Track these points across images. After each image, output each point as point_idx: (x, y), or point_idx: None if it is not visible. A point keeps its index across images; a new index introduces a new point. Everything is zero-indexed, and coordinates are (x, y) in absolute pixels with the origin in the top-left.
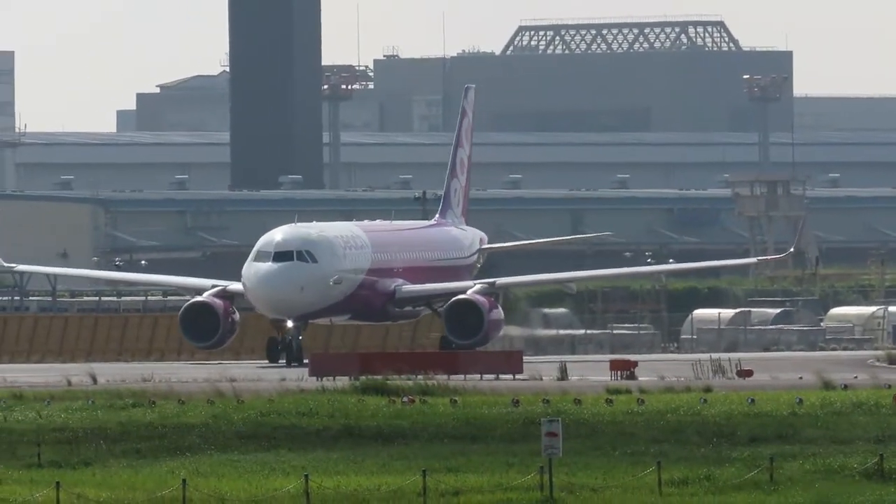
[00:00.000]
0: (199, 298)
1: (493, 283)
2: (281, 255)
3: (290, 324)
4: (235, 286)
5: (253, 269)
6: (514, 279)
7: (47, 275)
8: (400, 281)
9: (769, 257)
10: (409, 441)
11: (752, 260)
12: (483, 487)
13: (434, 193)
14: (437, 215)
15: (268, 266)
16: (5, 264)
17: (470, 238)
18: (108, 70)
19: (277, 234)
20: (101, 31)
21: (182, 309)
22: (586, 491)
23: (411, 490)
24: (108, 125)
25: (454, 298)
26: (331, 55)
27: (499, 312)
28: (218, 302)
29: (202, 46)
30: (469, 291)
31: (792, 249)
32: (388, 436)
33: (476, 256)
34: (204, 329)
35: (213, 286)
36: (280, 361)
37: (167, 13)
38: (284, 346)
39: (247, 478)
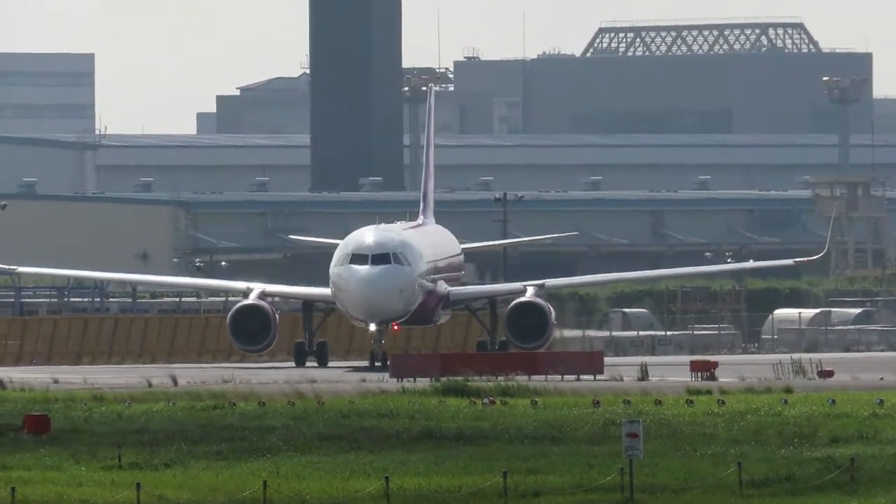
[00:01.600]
0: (248, 301)
1: (543, 285)
2: (379, 258)
3: (372, 327)
4: (273, 288)
5: (349, 271)
6: (564, 280)
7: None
8: (443, 282)
9: (805, 259)
10: (490, 442)
11: (789, 262)
12: (563, 488)
13: (515, 195)
14: (421, 215)
15: (367, 269)
16: (4, 266)
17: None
18: (188, 72)
19: (367, 236)
20: (181, 33)
21: (232, 312)
22: (667, 492)
23: (492, 491)
24: (188, 127)
25: (517, 301)
26: (411, 57)
27: (554, 315)
28: (266, 305)
29: (282, 48)
30: (528, 293)
31: (826, 250)
32: (468, 437)
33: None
34: (251, 332)
35: (248, 289)
36: (309, 364)
37: (247, 15)
38: (313, 350)
39: (327, 479)
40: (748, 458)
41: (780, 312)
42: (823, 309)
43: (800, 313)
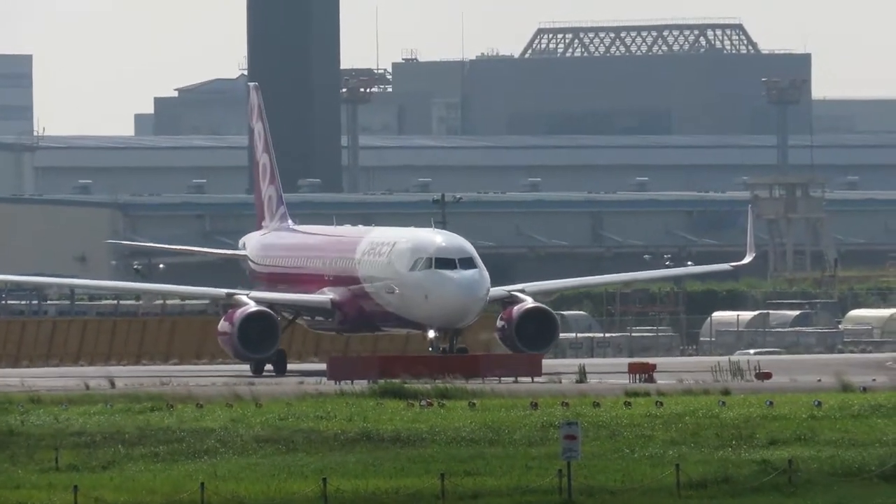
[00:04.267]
0: (257, 308)
1: (523, 290)
2: (466, 262)
3: (431, 334)
4: (264, 295)
5: (436, 275)
6: (543, 285)
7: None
8: None
9: (739, 263)
10: (427, 444)
11: (726, 266)
12: (501, 490)
13: (453, 196)
14: (289, 220)
15: (459, 274)
16: None
17: None
18: (126, 73)
19: (438, 240)
20: (119, 35)
21: (242, 318)
22: (605, 494)
23: (429, 493)
24: (126, 129)
25: (527, 307)
26: (349, 58)
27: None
28: (272, 311)
29: (220, 50)
30: (529, 300)
31: (753, 254)
32: (406, 439)
33: None
34: (255, 339)
35: (228, 294)
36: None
37: (186, 16)
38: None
39: (265, 481)
40: (686, 459)
41: (719, 315)
42: (762, 311)
43: (738, 315)
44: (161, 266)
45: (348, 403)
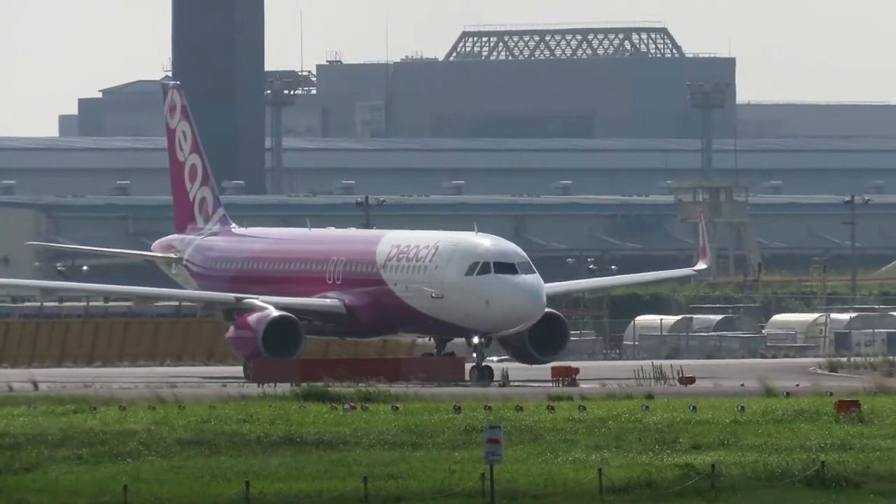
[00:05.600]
0: (280, 313)
1: None
2: (524, 267)
3: (476, 339)
4: (275, 299)
5: (497, 280)
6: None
7: None
8: None
9: (697, 269)
10: (351, 447)
11: (689, 270)
12: (424, 494)
13: (377, 199)
14: (231, 223)
15: (521, 279)
16: None
17: None
18: (49, 74)
19: (488, 243)
20: (42, 35)
21: (267, 324)
22: (528, 498)
23: (353, 496)
24: (50, 130)
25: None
26: (274, 61)
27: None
28: (294, 317)
29: (145, 51)
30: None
31: (707, 259)
32: (329, 442)
33: None
34: (278, 344)
35: (237, 298)
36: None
37: (110, 17)
38: None
39: (188, 484)
40: (609, 464)
41: (642, 319)
42: (685, 315)
43: (661, 320)
44: (84, 268)
45: (271, 406)
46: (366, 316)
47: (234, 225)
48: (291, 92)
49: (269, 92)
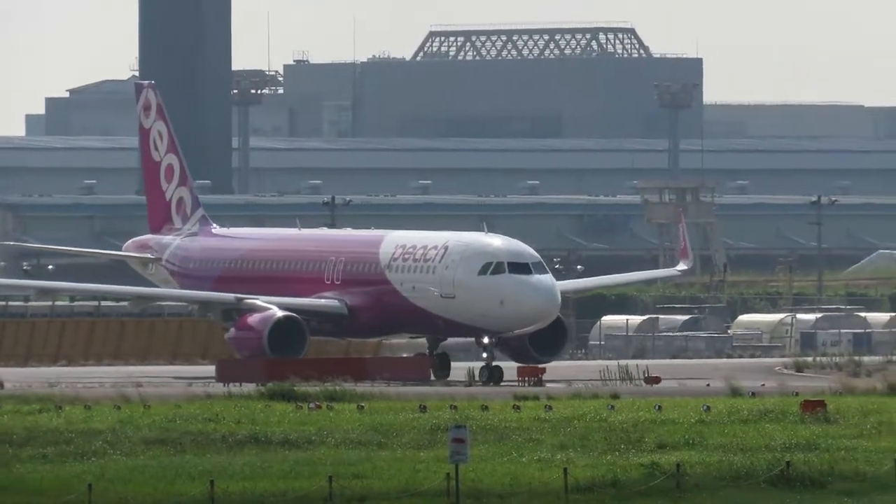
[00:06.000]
0: (284, 313)
1: None
2: (538, 267)
3: (486, 339)
4: (277, 299)
5: (512, 280)
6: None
7: None
8: None
9: (682, 269)
10: (316, 447)
11: (674, 271)
12: (389, 493)
13: (343, 198)
14: (212, 224)
15: (537, 279)
16: None
17: None
18: (16, 73)
19: (504, 243)
20: (8, 34)
21: (272, 324)
22: (493, 497)
23: (317, 496)
24: (17, 129)
25: None
26: (241, 60)
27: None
28: (300, 317)
29: (112, 51)
30: None
31: (689, 259)
32: (294, 441)
33: None
34: (283, 344)
35: (238, 298)
36: None
37: (77, 17)
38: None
39: (153, 483)
40: (574, 463)
41: (608, 319)
42: (651, 315)
43: (627, 320)
44: (50, 267)
45: (237, 405)
46: (369, 316)
47: (214, 226)
48: (258, 91)
49: (236, 91)
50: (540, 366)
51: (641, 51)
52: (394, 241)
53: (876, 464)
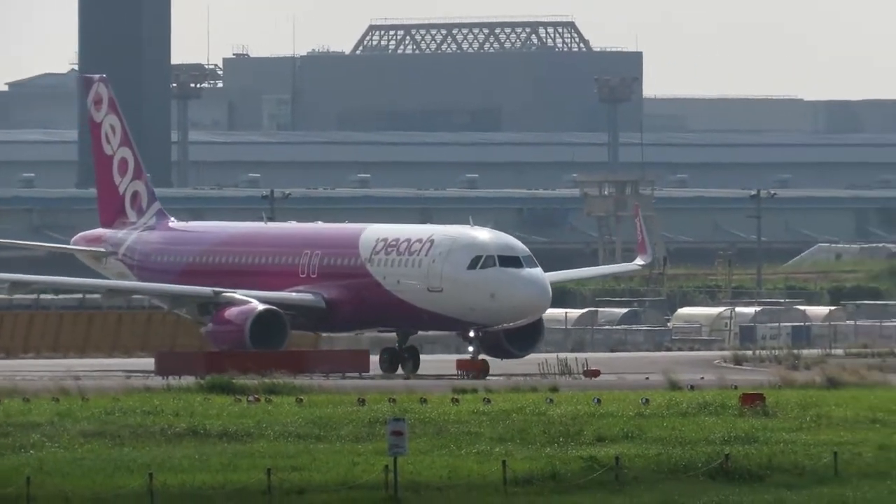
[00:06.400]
0: (265, 306)
1: None
2: (528, 260)
3: (472, 333)
4: (257, 292)
5: (504, 274)
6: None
7: None
8: None
9: (641, 264)
10: (254, 440)
11: (636, 265)
12: (328, 486)
13: (282, 192)
14: (170, 218)
15: (529, 273)
16: None
17: None
18: None
19: (493, 237)
20: None
21: (253, 317)
22: (431, 490)
23: (256, 488)
24: None
25: None
26: (180, 54)
27: None
28: (280, 310)
29: (51, 44)
30: None
31: (648, 254)
32: (232, 434)
33: None
34: (264, 338)
35: (215, 292)
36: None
37: (16, 10)
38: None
39: (91, 476)
40: (513, 456)
41: (547, 312)
42: (590, 308)
43: (566, 313)
44: None
45: (175, 398)
46: (348, 310)
47: (172, 219)
48: (198, 85)
49: (175, 85)
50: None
51: (581, 45)
52: (374, 234)
53: (815, 457)
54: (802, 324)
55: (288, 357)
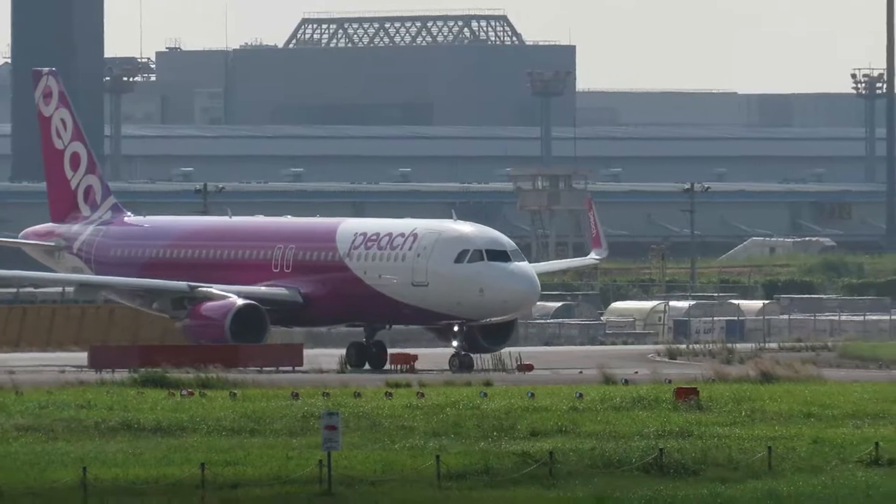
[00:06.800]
0: (245, 301)
1: None
2: (516, 254)
3: (455, 328)
4: (224, 287)
5: (492, 269)
6: None
7: None
8: None
9: (597, 258)
10: (188, 434)
11: (593, 259)
12: (262, 480)
13: (216, 186)
14: (127, 213)
15: (517, 267)
16: None
17: None
18: None
19: (479, 231)
20: None
21: (233, 312)
22: (365, 484)
23: (190, 483)
24: None
25: None
26: (113, 47)
27: None
28: (260, 305)
29: None
30: None
31: (603, 248)
32: (166, 429)
33: None
34: (243, 333)
35: (191, 287)
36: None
37: None
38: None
39: (24, 469)
40: (447, 450)
41: None
42: None
43: None
44: None
45: (109, 392)
46: (325, 305)
47: (128, 214)
48: (130, 79)
49: (108, 79)
50: (411, 353)
51: (514, 38)
52: (351, 228)
53: (749, 451)
54: (736, 318)
55: (222, 351)
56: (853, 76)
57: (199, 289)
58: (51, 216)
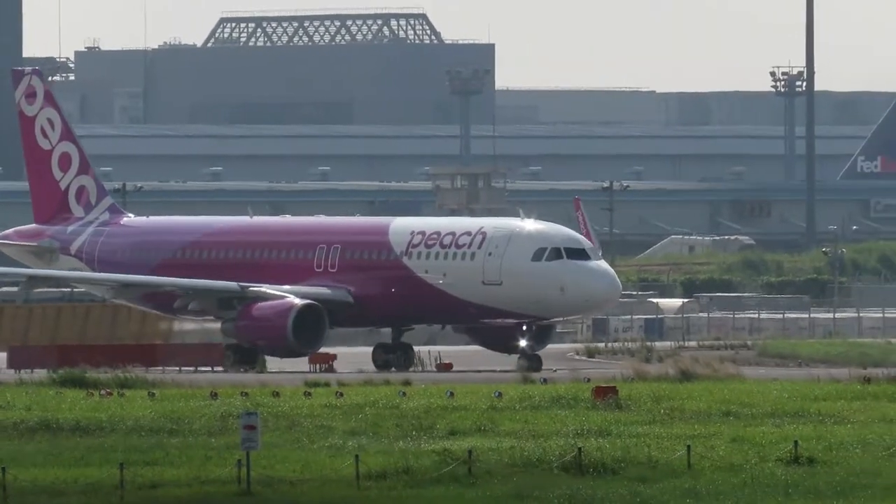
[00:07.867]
0: (305, 302)
1: None
2: (593, 252)
3: (524, 327)
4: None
5: (573, 266)
6: None
7: None
8: None
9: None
10: (107, 434)
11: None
12: (181, 481)
13: (134, 185)
14: (127, 213)
15: (598, 265)
16: None
17: None
18: None
19: (548, 228)
20: None
21: (296, 312)
22: (284, 484)
23: (109, 483)
24: None
25: None
26: (32, 47)
27: None
28: (321, 306)
29: None
30: None
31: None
32: (85, 428)
33: None
34: (304, 333)
35: (242, 286)
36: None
37: None
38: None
39: None
40: (366, 450)
41: None
42: None
43: None
44: None
45: (27, 392)
46: (379, 305)
47: (129, 215)
48: (49, 78)
49: None
50: (330, 352)
51: (433, 37)
52: (406, 226)
53: (668, 450)
54: (655, 316)
55: (140, 350)
56: (772, 74)
57: (251, 289)
58: (35, 217)
